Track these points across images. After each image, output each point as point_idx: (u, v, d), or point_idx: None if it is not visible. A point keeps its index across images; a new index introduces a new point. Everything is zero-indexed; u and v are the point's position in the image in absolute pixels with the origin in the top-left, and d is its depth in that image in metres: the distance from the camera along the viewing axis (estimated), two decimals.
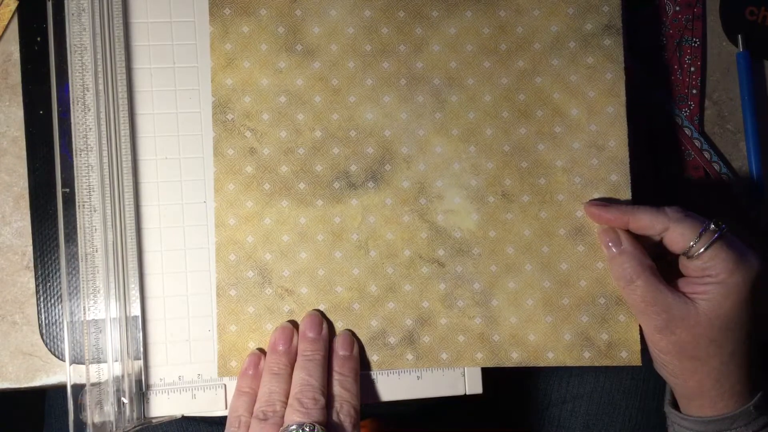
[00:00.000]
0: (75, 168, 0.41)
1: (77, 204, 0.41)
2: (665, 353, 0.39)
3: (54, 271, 0.43)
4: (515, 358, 0.42)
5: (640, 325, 0.41)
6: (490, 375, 0.43)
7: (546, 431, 0.53)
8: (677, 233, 0.38)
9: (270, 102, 0.42)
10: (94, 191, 0.41)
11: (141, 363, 0.41)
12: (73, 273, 0.42)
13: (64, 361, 0.43)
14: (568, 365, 0.42)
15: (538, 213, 0.43)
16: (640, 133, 0.48)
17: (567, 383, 0.53)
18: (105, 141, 0.41)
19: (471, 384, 0.43)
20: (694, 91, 0.49)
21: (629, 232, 0.41)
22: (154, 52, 0.43)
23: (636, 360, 0.42)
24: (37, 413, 0.57)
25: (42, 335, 0.43)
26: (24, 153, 0.44)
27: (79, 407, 0.40)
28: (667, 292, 0.39)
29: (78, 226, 0.41)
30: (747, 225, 0.48)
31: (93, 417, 0.40)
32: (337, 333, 0.42)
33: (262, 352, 0.41)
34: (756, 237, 0.48)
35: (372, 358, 0.42)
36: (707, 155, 0.48)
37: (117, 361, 0.41)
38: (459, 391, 0.42)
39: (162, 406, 0.41)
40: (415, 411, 0.58)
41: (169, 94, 0.43)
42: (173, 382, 0.42)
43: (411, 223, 0.43)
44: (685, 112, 0.48)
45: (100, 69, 0.41)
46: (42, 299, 0.43)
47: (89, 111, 0.41)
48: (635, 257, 0.40)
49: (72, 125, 0.41)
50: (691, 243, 0.38)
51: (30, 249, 0.44)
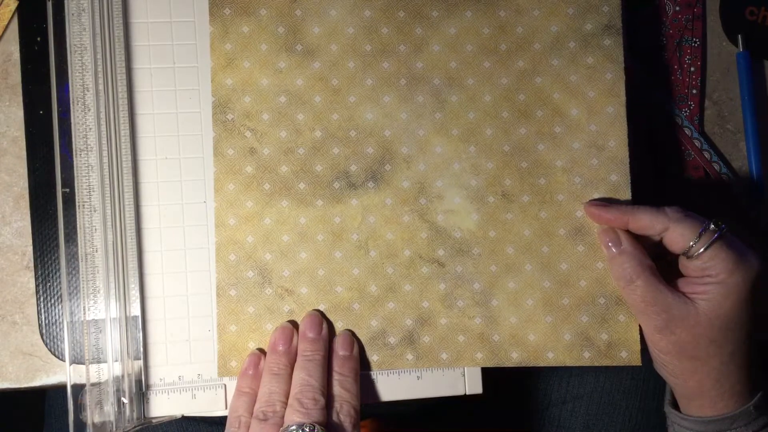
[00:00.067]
0: (75, 168, 0.41)
1: (77, 204, 0.41)
2: (665, 353, 0.39)
3: (54, 271, 0.43)
4: (515, 358, 0.42)
5: (640, 325, 0.41)
6: (490, 375, 0.43)
7: (546, 431, 0.53)
8: (677, 233, 0.38)
9: (270, 102, 0.42)
10: (94, 191, 0.41)
11: (141, 363, 0.41)
12: (73, 273, 0.42)
13: (64, 361, 0.43)
14: (568, 365, 0.42)
15: (538, 213, 0.43)
16: (640, 133, 0.48)
17: (567, 383, 0.53)
18: (105, 141, 0.41)
19: (471, 384, 0.43)
20: (694, 91, 0.49)
21: (629, 232, 0.41)
22: (154, 52, 0.43)
23: (636, 360, 0.42)
24: (37, 413, 0.57)
25: (42, 335, 0.43)
26: (24, 153, 0.44)
27: (79, 407, 0.40)
28: (667, 292, 0.39)
29: (78, 226, 0.41)
30: (747, 225, 0.48)
31: (93, 417, 0.40)
32: (337, 333, 0.42)
33: (262, 352, 0.41)
34: (756, 237, 0.48)
35: (372, 358, 0.42)
36: (707, 155, 0.48)
37: (117, 361, 0.41)
38: (459, 391, 0.42)
39: (162, 406, 0.41)
40: (415, 411, 0.58)
41: (169, 94, 0.43)
42: (173, 382, 0.42)
43: (411, 223, 0.43)
44: (685, 112, 0.48)
45: (100, 69, 0.41)
46: (42, 299, 0.43)
47: (89, 111, 0.41)
48: (635, 257, 0.40)
49: (72, 125, 0.41)
50: (691, 243, 0.38)
51: (30, 249, 0.44)
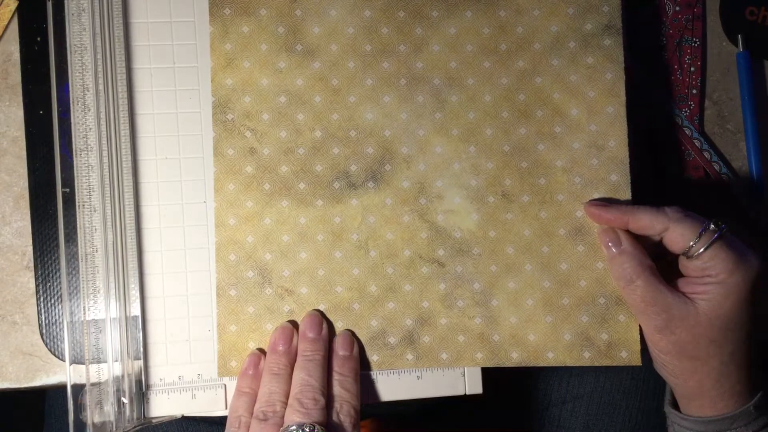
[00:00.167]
0: (75, 168, 0.41)
1: (77, 204, 0.41)
2: (665, 353, 0.39)
3: (54, 271, 0.43)
4: (515, 358, 0.42)
5: (639, 325, 0.41)
6: (490, 375, 0.43)
7: (546, 431, 0.53)
8: (677, 233, 0.38)
9: (270, 102, 0.42)
10: (94, 191, 0.41)
11: (141, 363, 0.41)
12: (73, 273, 0.42)
13: (64, 361, 0.43)
14: (568, 365, 0.42)
15: (538, 213, 0.43)
16: (640, 133, 0.48)
17: (567, 383, 0.53)
18: (105, 141, 0.41)
19: (471, 384, 0.43)
20: (694, 91, 0.49)
21: (629, 232, 0.41)
22: (154, 52, 0.43)
23: (636, 360, 0.42)
24: (37, 413, 0.57)
25: (42, 335, 0.43)
26: (24, 153, 0.44)
27: (79, 407, 0.40)
28: (667, 292, 0.39)
29: (78, 226, 0.41)
30: (747, 225, 0.48)
31: (93, 417, 0.40)
32: (337, 333, 0.42)
33: (262, 352, 0.41)
34: (756, 237, 0.48)
35: (372, 358, 0.42)
36: (707, 155, 0.48)
37: (117, 361, 0.41)
38: (459, 391, 0.42)
39: (162, 406, 0.41)
40: (415, 411, 0.58)
41: (169, 94, 0.43)
42: (173, 382, 0.42)
43: (411, 223, 0.43)
44: (685, 112, 0.48)
45: (100, 69, 0.41)
46: (42, 299, 0.43)
47: (89, 111, 0.41)
48: (635, 257, 0.40)
49: (72, 125, 0.41)
50: (691, 243, 0.38)
51: (30, 249, 0.44)
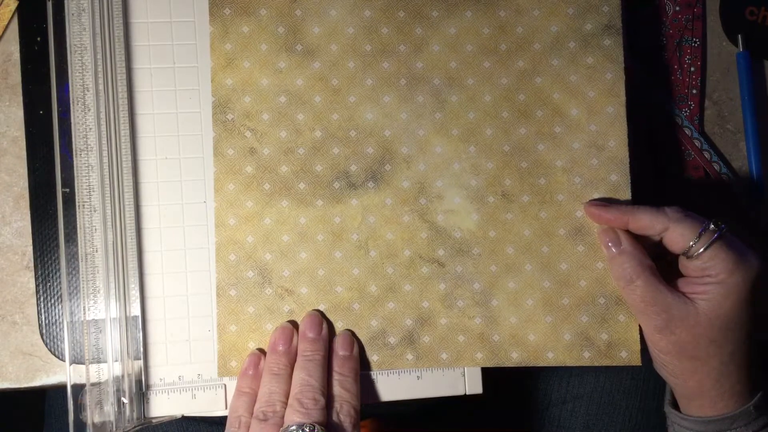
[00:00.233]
0: (75, 168, 0.41)
1: (77, 204, 0.41)
2: (665, 353, 0.39)
3: (54, 271, 0.43)
4: (515, 358, 0.42)
5: (639, 325, 0.41)
6: (490, 375, 0.43)
7: (546, 431, 0.53)
8: (677, 233, 0.38)
9: (270, 102, 0.42)
10: (94, 191, 0.41)
11: (141, 363, 0.41)
12: (73, 273, 0.42)
13: (64, 361, 0.43)
14: (568, 365, 0.42)
15: (538, 213, 0.43)
16: (640, 133, 0.48)
17: (567, 383, 0.53)
18: (105, 141, 0.41)
19: (471, 384, 0.43)
20: (694, 91, 0.49)
21: (629, 232, 0.41)
22: (154, 52, 0.43)
23: (636, 360, 0.42)
24: (37, 413, 0.57)
25: (42, 335, 0.43)
26: (24, 153, 0.44)
27: (79, 407, 0.40)
28: (667, 292, 0.39)
29: (78, 226, 0.41)
30: (747, 225, 0.48)
31: (93, 417, 0.40)
32: (337, 333, 0.42)
33: (262, 352, 0.41)
34: (756, 237, 0.48)
35: (372, 358, 0.42)
36: (707, 155, 0.48)
37: (117, 361, 0.41)
38: (459, 391, 0.42)
39: (162, 406, 0.41)
40: (415, 411, 0.58)
41: (169, 94, 0.43)
42: (173, 382, 0.42)
43: (411, 223, 0.43)
44: (685, 112, 0.48)
45: (100, 69, 0.41)
46: (42, 299, 0.43)
47: (89, 111, 0.41)
48: (635, 257, 0.40)
49: (72, 125, 0.41)
50: (691, 243, 0.38)
51: (30, 249, 0.44)
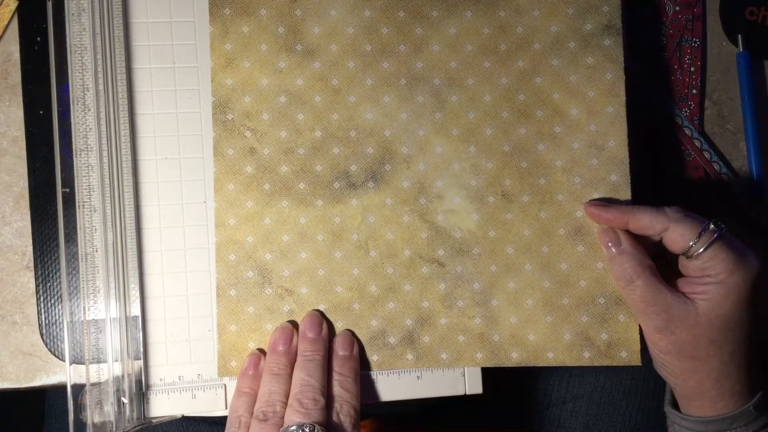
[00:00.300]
0: (75, 168, 0.41)
1: (77, 204, 0.41)
2: (665, 353, 0.39)
3: (54, 271, 0.43)
4: (515, 358, 0.42)
5: (639, 325, 0.41)
6: (490, 375, 0.43)
7: (546, 431, 0.53)
8: (677, 233, 0.38)
9: (270, 102, 0.42)
10: (94, 191, 0.41)
11: (141, 363, 0.41)
12: (73, 273, 0.42)
13: (64, 361, 0.43)
14: (568, 365, 0.42)
15: (538, 213, 0.43)
16: (640, 133, 0.48)
17: (567, 383, 0.53)
18: (105, 141, 0.41)
19: (471, 384, 0.43)
20: (694, 91, 0.49)
21: (629, 232, 0.41)
22: (154, 52, 0.43)
23: (636, 360, 0.42)
24: (37, 413, 0.57)
25: (42, 335, 0.43)
26: (24, 153, 0.44)
27: (79, 407, 0.40)
28: (667, 292, 0.39)
29: (78, 226, 0.41)
30: (747, 225, 0.48)
31: (93, 417, 0.40)
32: (337, 333, 0.42)
33: (262, 352, 0.41)
34: (756, 237, 0.48)
35: (372, 358, 0.42)
36: (707, 155, 0.48)
37: (117, 361, 0.41)
38: (459, 391, 0.42)
39: (162, 406, 0.41)
40: (415, 411, 0.58)
41: (169, 94, 0.43)
42: (173, 382, 0.42)
43: (411, 223, 0.43)
44: (685, 112, 0.48)
45: (100, 69, 0.41)
46: (42, 299, 0.43)
47: (89, 111, 0.41)
48: (635, 257, 0.40)
49: (72, 125, 0.41)
50: (691, 243, 0.38)
51: (30, 249, 0.44)
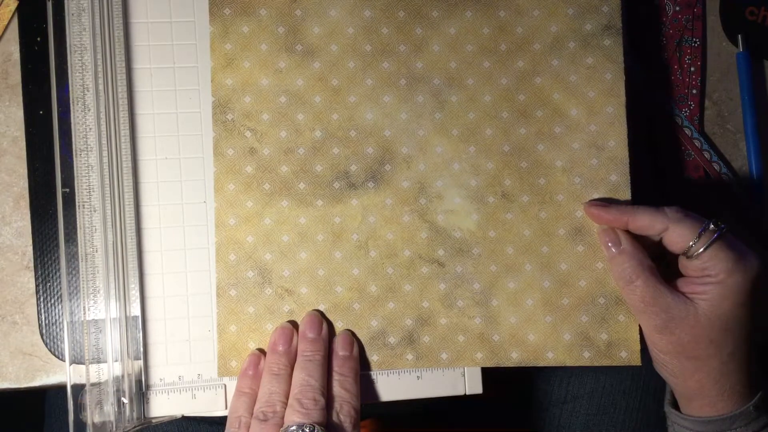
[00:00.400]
0: (75, 168, 0.41)
1: (77, 204, 0.41)
2: (665, 353, 0.39)
3: (54, 271, 0.43)
4: (515, 358, 0.42)
5: (639, 325, 0.41)
6: (490, 375, 0.43)
7: (546, 431, 0.53)
8: (677, 233, 0.38)
9: (270, 102, 0.42)
10: (94, 191, 0.41)
11: (141, 363, 0.41)
12: (73, 273, 0.42)
13: (64, 361, 0.43)
14: (567, 365, 0.42)
15: (537, 213, 0.43)
16: (640, 133, 0.48)
17: (567, 383, 0.53)
18: (105, 141, 0.41)
19: (471, 384, 0.43)
20: (694, 91, 0.49)
21: (629, 232, 0.41)
22: (154, 52, 0.43)
23: (636, 360, 0.42)
24: (37, 413, 0.57)
25: (42, 335, 0.43)
26: (24, 153, 0.44)
27: (79, 407, 0.40)
28: (667, 292, 0.39)
29: (78, 226, 0.41)
30: (747, 225, 0.48)
31: (93, 417, 0.40)
32: (337, 333, 0.42)
33: (262, 352, 0.41)
34: (756, 237, 0.48)
35: (372, 358, 0.42)
36: (707, 155, 0.48)
37: (117, 361, 0.41)
38: (459, 391, 0.43)
39: (162, 406, 0.41)
40: (415, 411, 0.58)
41: (169, 94, 0.43)
42: (173, 382, 0.42)
43: (411, 223, 0.43)
44: (685, 112, 0.48)
45: (100, 69, 0.41)
46: (42, 299, 0.43)
47: (89, 111, 0.41)
48: (635, 257, 0.40)
49: (72, 125, 0.41)
50: (691, 243, 0.38)
51: (30, 249, 0.44)
